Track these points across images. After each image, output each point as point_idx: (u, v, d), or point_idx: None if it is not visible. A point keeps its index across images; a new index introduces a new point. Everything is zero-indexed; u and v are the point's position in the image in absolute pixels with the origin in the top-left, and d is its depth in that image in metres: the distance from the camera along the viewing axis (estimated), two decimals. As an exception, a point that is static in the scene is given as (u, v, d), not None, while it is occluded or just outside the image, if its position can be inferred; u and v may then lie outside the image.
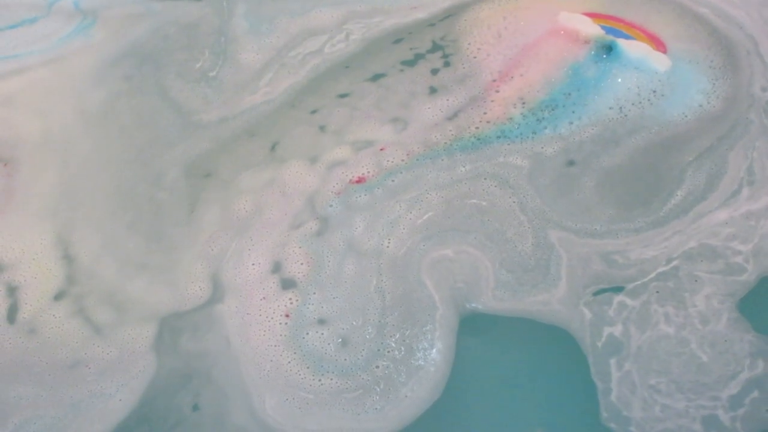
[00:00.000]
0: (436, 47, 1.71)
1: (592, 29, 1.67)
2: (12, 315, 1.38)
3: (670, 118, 1.57)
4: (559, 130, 1.56)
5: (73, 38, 1.73)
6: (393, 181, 1.55)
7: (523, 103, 1.59)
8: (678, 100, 1.59)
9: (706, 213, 1.44)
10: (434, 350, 1.33)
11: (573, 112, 1.58)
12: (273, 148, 1.60)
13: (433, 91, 1.65)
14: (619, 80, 1.61)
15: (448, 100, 1.64)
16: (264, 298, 1.41)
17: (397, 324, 1.37)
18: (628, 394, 1.24)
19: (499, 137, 1.57)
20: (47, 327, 1.36)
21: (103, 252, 1.48)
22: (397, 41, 1.74)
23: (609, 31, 1.69)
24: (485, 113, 1.59)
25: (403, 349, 1.34)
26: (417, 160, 1.59)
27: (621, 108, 1.58)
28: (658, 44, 1.70)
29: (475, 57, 1.67)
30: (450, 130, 1.58)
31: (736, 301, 1.31)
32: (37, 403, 1.26)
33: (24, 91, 1.65)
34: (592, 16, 1.73)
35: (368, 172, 1.56)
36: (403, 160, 1.58)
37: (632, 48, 1.65)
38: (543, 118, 1.58)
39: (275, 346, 1.36)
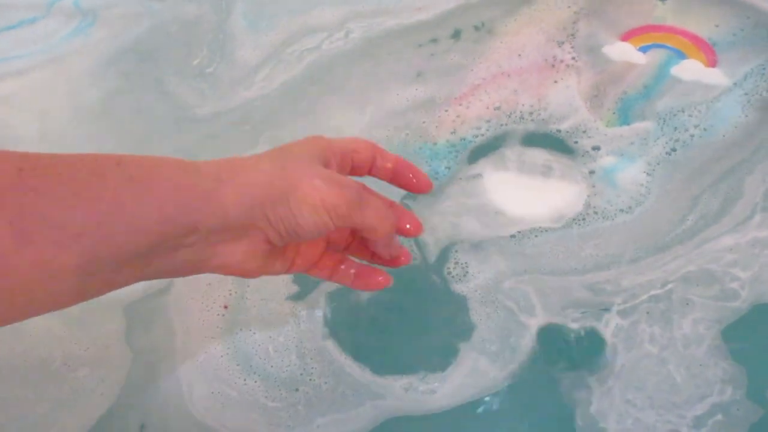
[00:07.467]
0: (456, 33, 1.68)
1: (639, 60, 1.54)
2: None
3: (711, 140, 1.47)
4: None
5: (72, 38, 1.74)
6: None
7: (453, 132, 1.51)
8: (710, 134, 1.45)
9: (713, 238, 1.32)
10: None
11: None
12: (267, 138, 1.54)
13: (419, 75, 1.61)
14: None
15: (417, 90, 1.58)
16: (209, 284, 1.34)
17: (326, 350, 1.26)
18: (607, 407, 1.20)
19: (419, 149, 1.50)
20: (29, 326, 1.31)
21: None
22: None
23: (651, 47, 1.56)
24: (424, 122, 1.52)
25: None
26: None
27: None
28: (706, 49, 1.54)
29: (475, 58, 1.62)
30: (390, 130, 1.52)
31: (722, 328, 1.23)
32: (23, 403, 1.23)
33: (22, 91, 1.65)
34: (631, 35, 1.60)
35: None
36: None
37: (683, 71, 1.51)
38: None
39: (212, 337, 1.28)
